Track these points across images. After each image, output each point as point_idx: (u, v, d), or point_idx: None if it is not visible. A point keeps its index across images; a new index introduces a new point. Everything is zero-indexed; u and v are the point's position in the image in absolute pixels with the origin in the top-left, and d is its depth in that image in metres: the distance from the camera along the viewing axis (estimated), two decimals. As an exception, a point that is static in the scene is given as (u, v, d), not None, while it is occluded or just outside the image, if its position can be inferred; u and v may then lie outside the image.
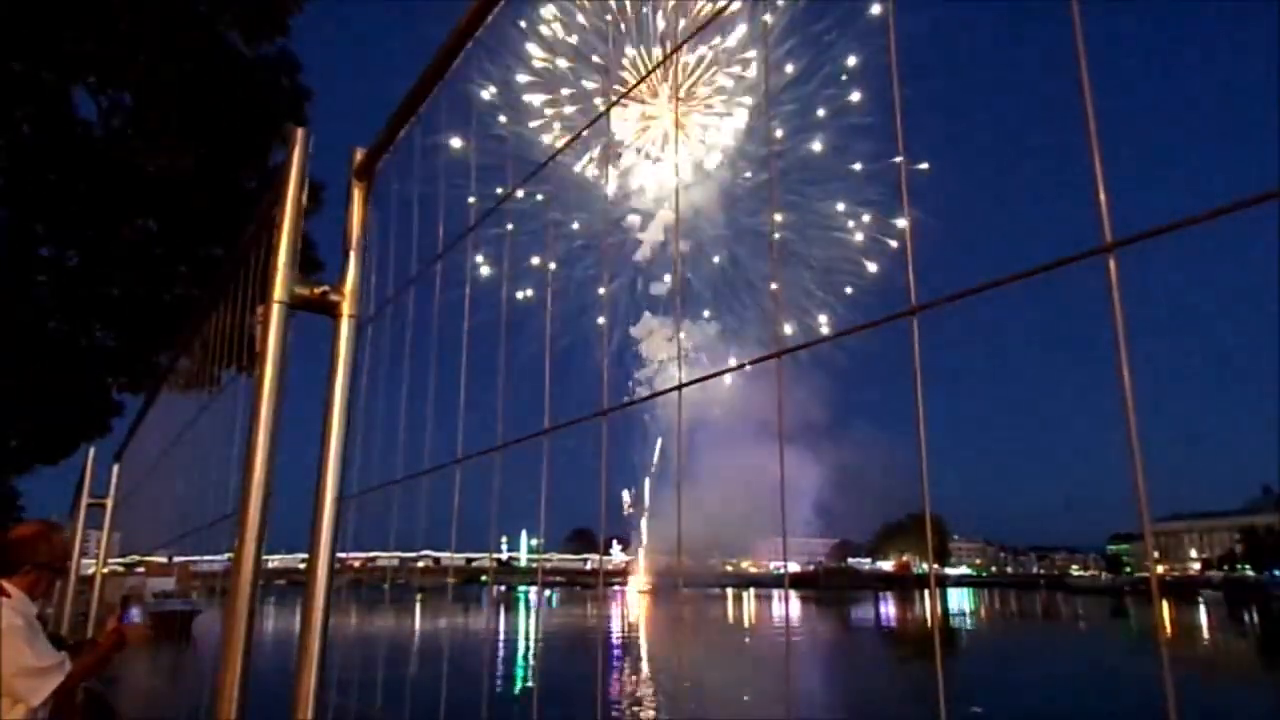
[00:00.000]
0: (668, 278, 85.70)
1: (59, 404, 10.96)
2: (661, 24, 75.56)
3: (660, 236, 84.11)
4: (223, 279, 2.40)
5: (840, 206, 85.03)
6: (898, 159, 0.83)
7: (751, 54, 79.52)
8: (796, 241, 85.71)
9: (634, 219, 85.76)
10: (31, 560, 3.20)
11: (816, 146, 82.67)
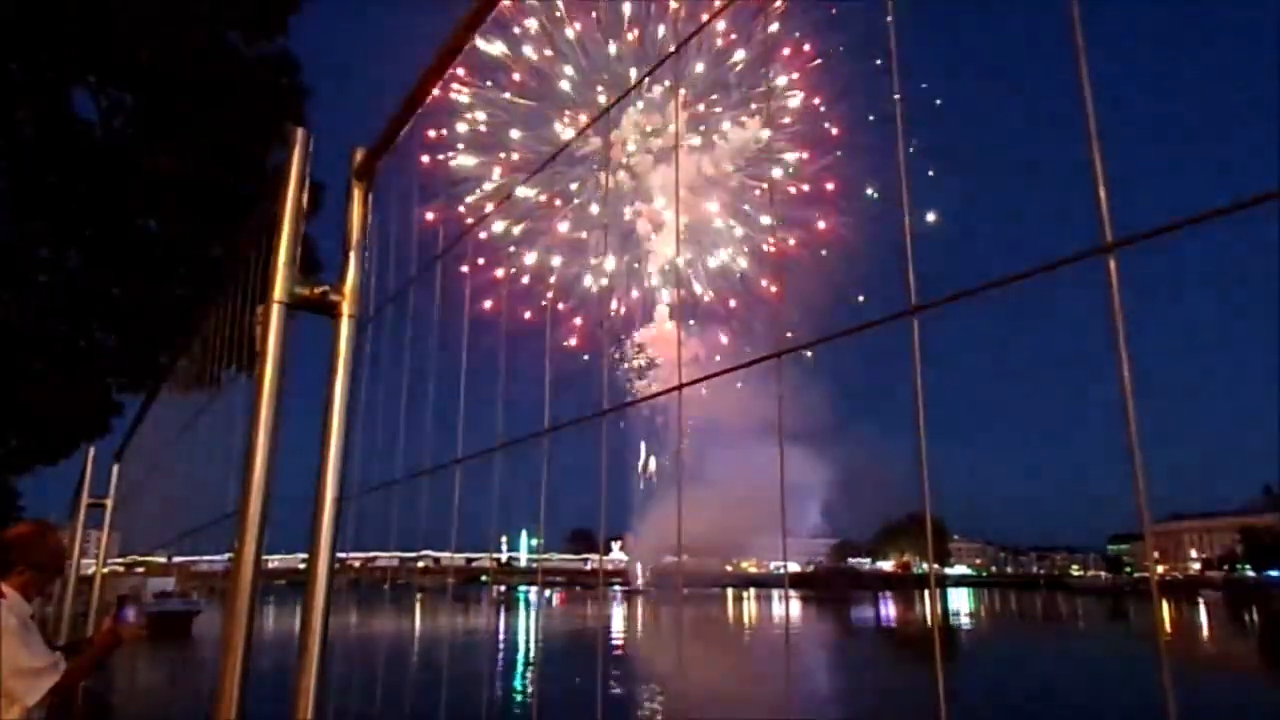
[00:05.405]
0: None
1: (59, 404, 10.95)
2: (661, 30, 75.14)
3: (669, 243, 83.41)
4: (223, 279, 2.40)
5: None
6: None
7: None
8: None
9: (644, 226, 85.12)
10: (26, 561, 3.19)
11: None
